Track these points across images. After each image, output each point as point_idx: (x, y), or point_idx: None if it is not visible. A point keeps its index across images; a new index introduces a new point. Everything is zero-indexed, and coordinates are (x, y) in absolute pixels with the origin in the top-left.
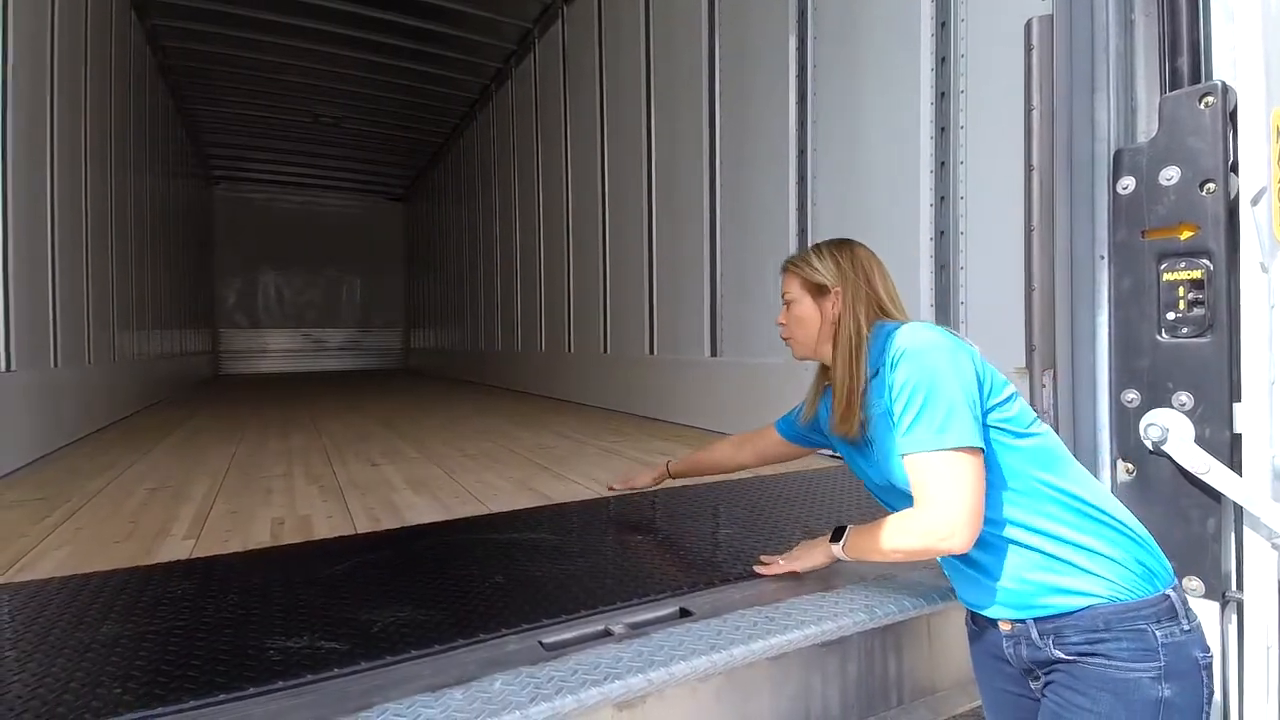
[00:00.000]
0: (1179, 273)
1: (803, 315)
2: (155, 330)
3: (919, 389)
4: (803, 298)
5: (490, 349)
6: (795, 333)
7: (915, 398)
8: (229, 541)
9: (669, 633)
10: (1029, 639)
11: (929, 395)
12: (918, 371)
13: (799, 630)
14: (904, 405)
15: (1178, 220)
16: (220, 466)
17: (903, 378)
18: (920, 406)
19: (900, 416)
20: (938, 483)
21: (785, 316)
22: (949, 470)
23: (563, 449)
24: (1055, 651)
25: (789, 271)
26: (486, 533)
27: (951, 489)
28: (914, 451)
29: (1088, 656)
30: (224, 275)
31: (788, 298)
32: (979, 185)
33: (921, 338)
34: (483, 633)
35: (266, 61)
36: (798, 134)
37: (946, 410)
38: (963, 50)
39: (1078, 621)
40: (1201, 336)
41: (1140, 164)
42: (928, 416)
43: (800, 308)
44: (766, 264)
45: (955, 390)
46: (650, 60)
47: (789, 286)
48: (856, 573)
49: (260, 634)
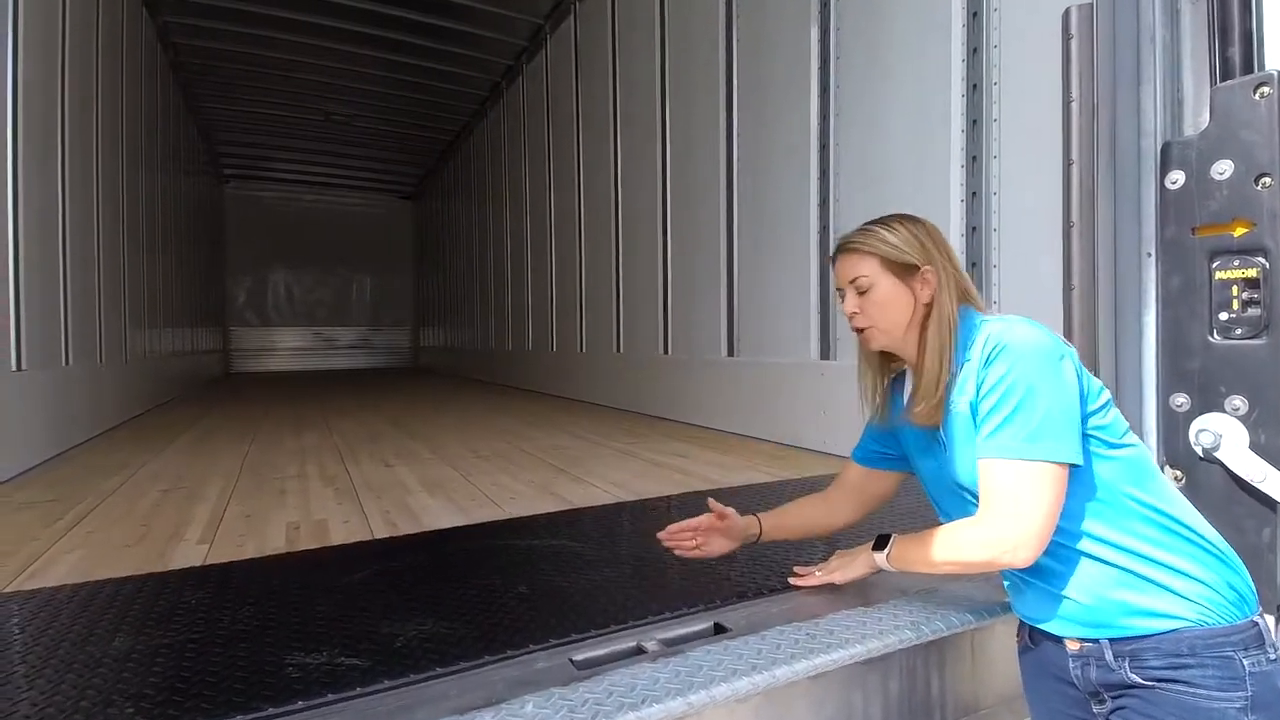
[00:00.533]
0: (1233, 271)
1: (886, 299)
2: (166, 328)
3: (1014, 390)
4: (883, 279)
5: (500, 348)
6: (878, 320)
7: (1009, 399)
8: (244, 546)
9: (706, 651)
10: (1101, 660)
11: (1025, 399)
12: (1017, 371)
13: (843, 649)
14: (994, 404)
15: (1231, 216)
16: (233, 466)
17: (998, 375)
18: (1013, 410)
19: (988, 416)
20: (1013, 493)
21: (859, 303)
22: (1030, 482)
23: (578, 450)
24: (1132, 675)
25: (859, 251)
26: (507, 539)
27: (1027, 502)
28: (995, 456)
29: (1167, 683)
30: (235, 273)
31: (863, 282)
32: (1013, 181)
33: (1027, 335)
34: (510, 649)
35: (278, 59)
36: (820, 128)
37: (1042, 418)
38: (995, 41)
39: (1159, 645)
40: (1257, 338)
41: (1190, 158)
42: (1019, 421)
43: (882, 291)
44: (786, 262)
45: (1055, 399)
46: (665, 54)
47: (862, 267)
48: (897, 586)
49: (278, 648)
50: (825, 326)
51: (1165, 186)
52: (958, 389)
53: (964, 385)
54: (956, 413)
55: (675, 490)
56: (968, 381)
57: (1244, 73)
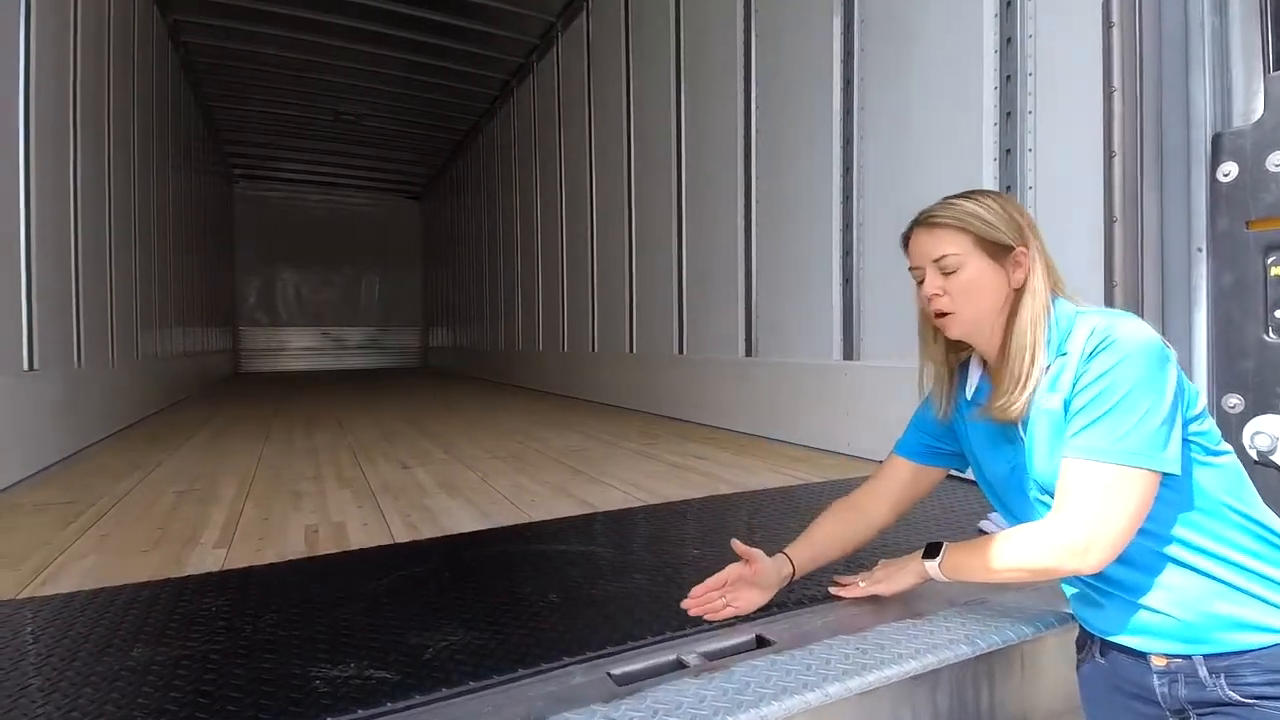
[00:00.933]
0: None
1: (977, 281)
2: (177, 328)
3: (1116, 388)
4: (975, 258)
5: (510, 348)
6: (964, 305)
7: (1108, 397)
8: (262, 551)
9: (751, 666)
10: (1193, 677)
11: (1126, 398)
12: (1122, 369)
13: (897, 665)
14: (1090, 400)
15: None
16: (248, 467)
17: (1101, 369)
18: (1110, 408)
19: (1081, 411)
20: (1093, 494)
21: (943, 284)
22: (1114, 486)
23: (594, 451)
24: (1229, 693)
25: (948, 226)
26: (532, 543)
27: (1107, 506)
28: (1083, 456)
29: (1268, 700)
30: (244, 273)
31: (952, 260)
32: (1050, 174)
33: (1136, 331)
34: (544, 662)
35: (287, 58)
36: (843, 122)
37: (1140, 421)
38: (1031, 30)
39: (1258, 660)
40: None
41: (1244, 149)
42: (1115, 421)
43: (973, 272)
44: (808, 260)
45: (1158, 401)
46: (681, 49)
47: (950, 244)
48: (944, 595)
49: (304, 660)
50: (849, 326)
51: (1216, 179)
52: (1049, 384)
53: (1057, 381)
54: (1046, 410)
55: (697, 493)
56: (1063, 376)
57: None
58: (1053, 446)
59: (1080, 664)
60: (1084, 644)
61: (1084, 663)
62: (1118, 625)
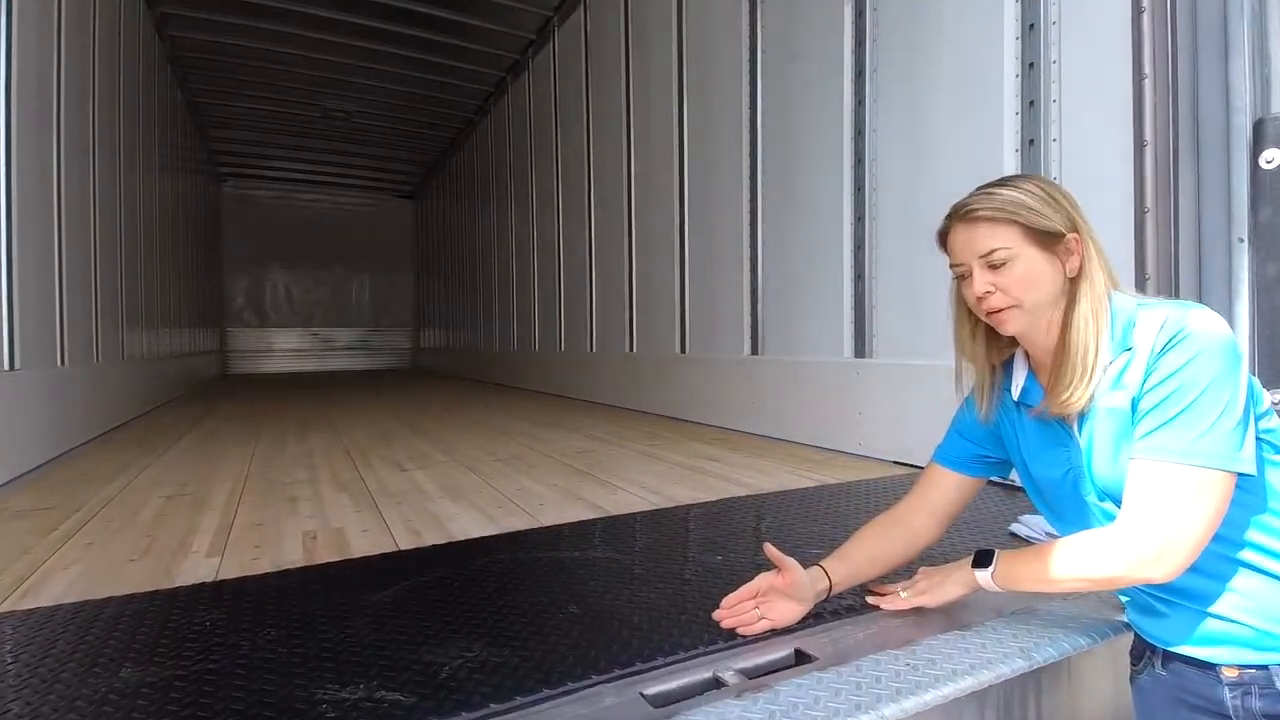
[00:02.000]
0: None
1: (1032, 273)
2: (163, 329)
3: (1192, 385)
4: (1026, 250)
5: (505, 348)
6: (1023, 297)
7: (1183, 394)
8: (258, 559)
9: (795, 685)
10: (1269, 688)
11: (1202, 396)
12: (1199, 364)
13: (951, 682)
14: (1164, 398)
15: None
16: (239, 471)
17: (1175, 364)
18: (1186, 406)
19: (1154, 409)
20: (1168, 498)
21: (993, 280)
22: (1191, 489)
23: (600, 453)
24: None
25: (991, 219)
26: (545, 550)
27: (1184, 510)
28: (1154, 457)
29: None
30: (232, 273)
31: (999, 255)
32: (1076, 165)
33: (1212, 324)
34: (571, 680)
35: (276, 52)
36: (854, 113)
37: (1218, 419)
38: (1054, 16)
39: None
40: None
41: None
42: (1190, 420)
43: (1025, 264)
44: (817, 256)
45: (1235, 401)
46: (683, 38)
47: (998, 237)
48: (990, 605)
49: (308, 680)
50: (860, 323)
51: (1259, 166)
52: (1113, 382)
53: (1122, 377)
54: (1110, 409)
55: (712, 496)
56: (1129, 372)
57: None
58: (1118, 448)
59: (1136, 675)
60: (1141, 654)
61: (1141, 674)
62: (1184, 635)
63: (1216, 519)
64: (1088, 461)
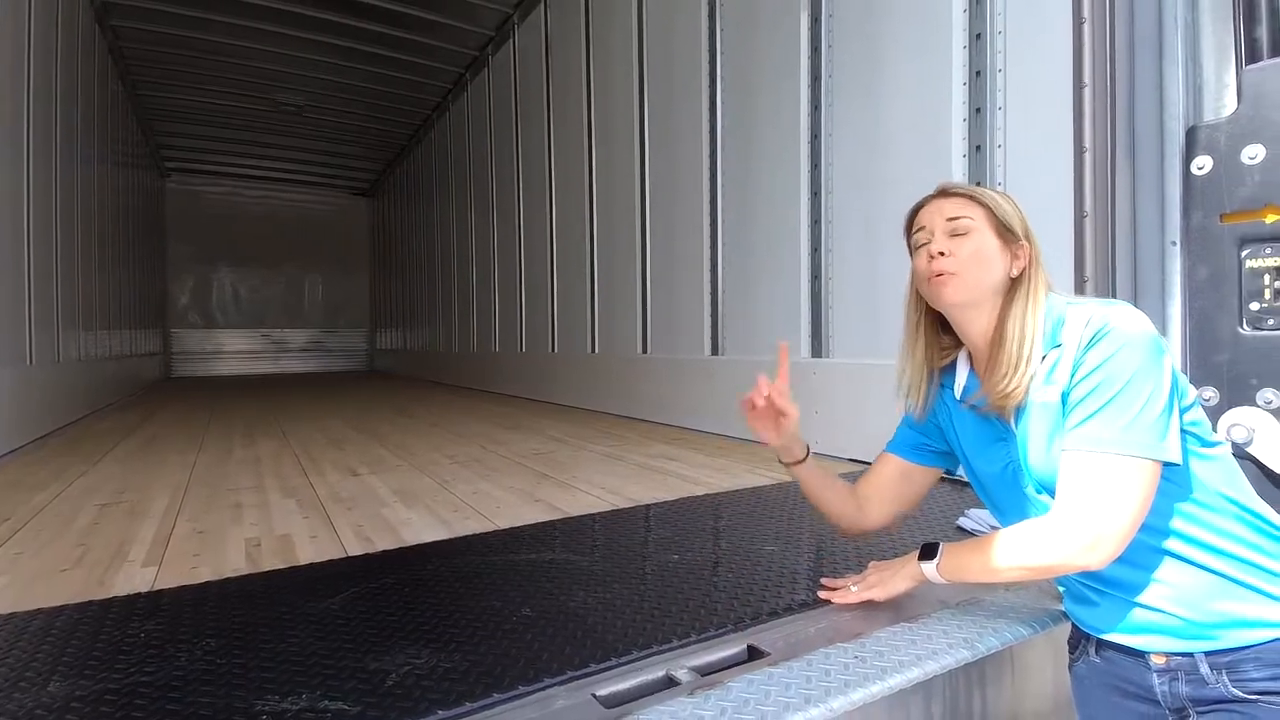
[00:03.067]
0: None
1: (984, 252)
2: (102, 330)
3: (1116, 377)
4: (986, 231)
5: (465, 350)
6: (969, 269)
7: (1108, 386)
8: (198, 568)
9: (747, 680)
10: (1194, 674)
11: (1127, 388)
12: (1122, 358)
13: (899, 673)
14: (1091, 390)
15: (1264, 202)
16: (180, 478)
17: (1100, 358)
18: (1111, 398)
19: (1081, 401)
20: (1098, 486)
21: (951, 245)
22: (1120, 477)
23: (561, 454)
24: (1231, 689)
25: (971, 198)
26: (500, 553)
27: (1112, 498)
28: (1085, 448)
29: (1273, 695)
30: (177, 272)
31: (964, 223)
32: (1020, 170)
33: (1134, 320)
34: (522, 684)
35: (223, 43)
36: (810, 118)
37: (1142, 410)
38: (1000, 26)
39: (1260, 655)
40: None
41: (1219, 142)
42: (1117, 411)
43: (981, 240)
44: (775, 257)
45: (1159, 391)
46: (644, 39)
47: (967, 210)
48: (936, 597)
49: (248, 691)
50: (816, 323)
51: (1191, 172)
52: (1045, 377)
53: (1053, 373)
54: (1042, 403)
55: (672, 495)
56: (1059, 368)
57: (1271, 54)
58: (1050, 440)
59: (1073, 663)
60: (1078, 643)
61: (1077, 662)
62: (1115, 623)
63: (1145, 506)
64: (1023, 455)
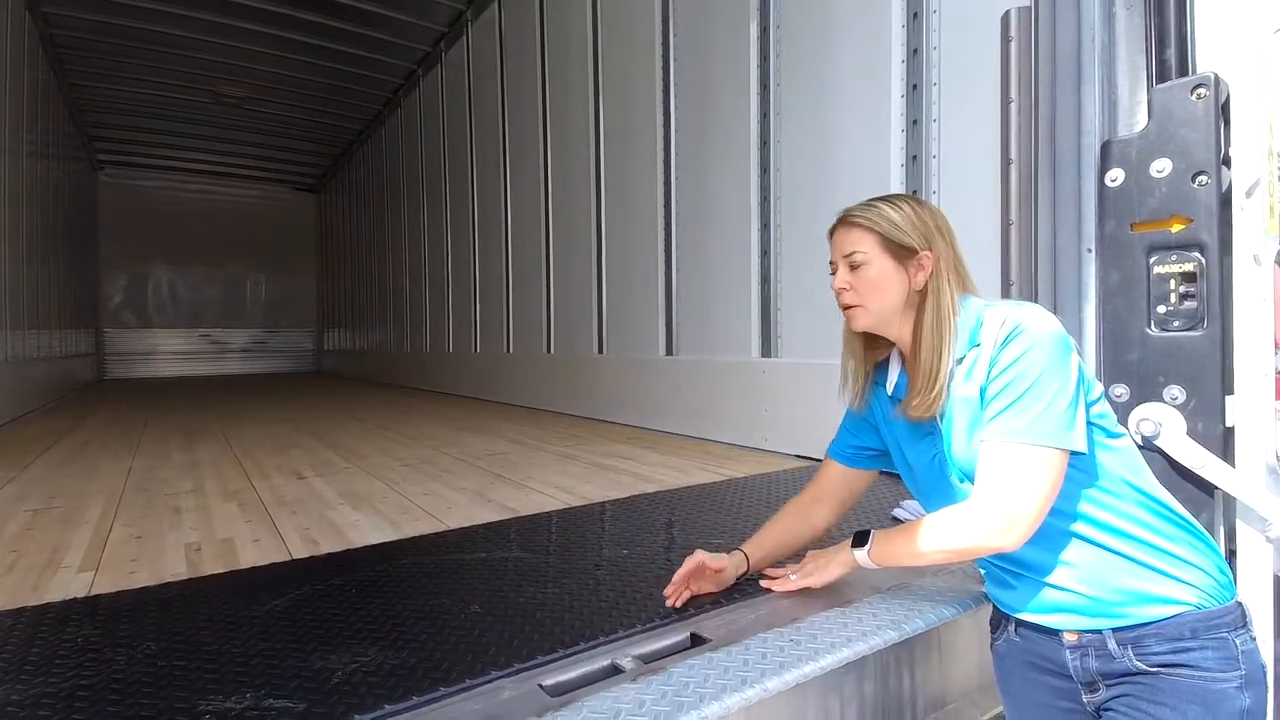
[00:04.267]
0: (1170, 266)
1: (880, 280)
2: (30, 330)
3: (1027, 374)
4: (880, 259)
5: (416, 350)
6: (868, 300)
7: (1020, 382)
8: (136, 573)
9: (688, 665)
10: (1102, 650)
11: (1037, 383)
12: (1032, 356)
13: (830, 654)
14: (1004, 386)
15: (1169, 213)
16: (115, 483)
17: (1013, 356)
18: (1023, 393)
19: (996, 397)
20: (1010, 474)
21: (850, 279)
22: (1030, 465)
23: (514, 455)
24: (1135, 663)
25: (858, 225)
26: (450, 553)
27: (1024, 483)
28: (999, 438)
29: (1172, 667)
30: (110, 270)
31: (858, 258)
32: (953, 179)
33: (1042, 321)
34: (469, 677)
35: (162, 33)
36: (760, 125)
37: (1050, 403)
38: (935, 43)
39: (1161, 630)
40: (1193, 330)
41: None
42: (1027, 405)
43: (877, 271)
44: (727, 259)
45: (1066, 385)
46: (599, 41)
47: (859, 242)
48: (869, 583)
49: (190, 692)
50: (767, 324)
51: (1105, 184)
52: (965, 374)
53: (972, 371)
54: (963, 399)
55: (625, 493)
56: (977, 366)
57: (1179, 74)
58: (970, 432)
59: (995, 642)
60: (998, 623)
61: (998, 641)
62: (1030, 604)
63: (1053, 491)
64: (948, 447)
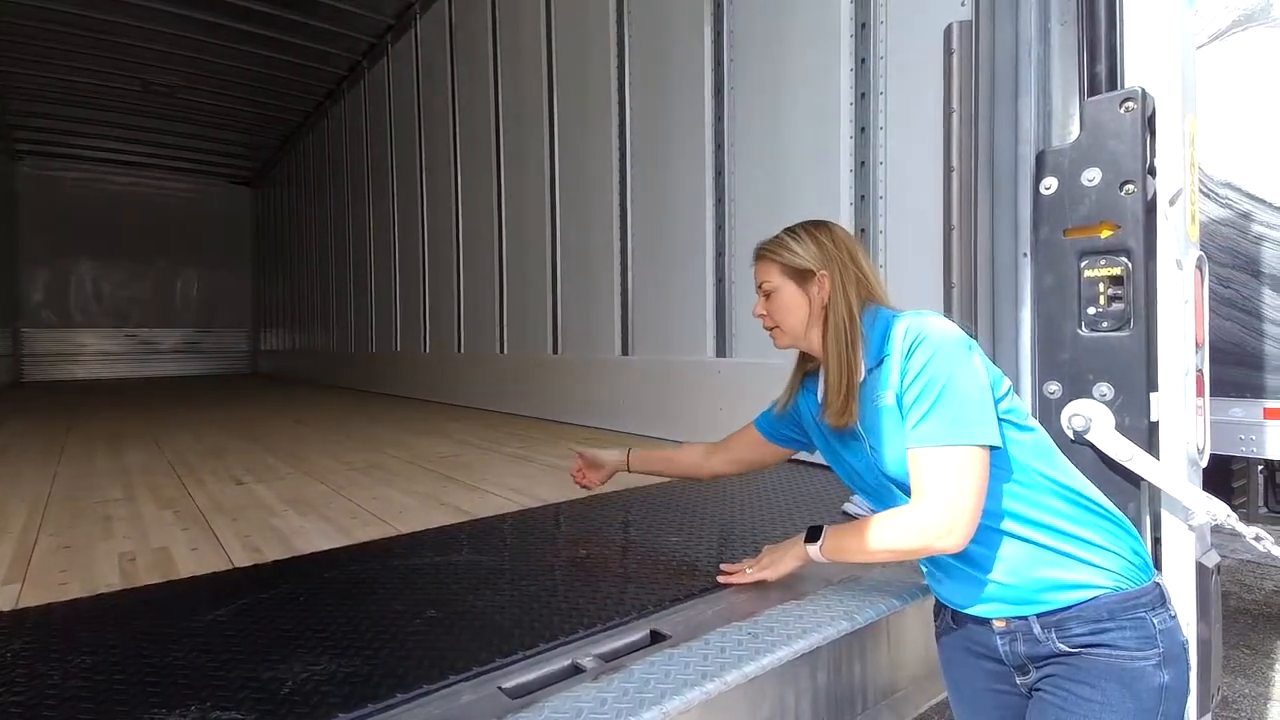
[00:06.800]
0: (1099, 269)
1: (787, 303)
2: None
3: (936, 380)
4: (785, 285)
5: (361, 350)
6: (781, 322)
7: (932, 389)
8: (67, 585)
9: (649, 663)
10: (1029, 635)
11: (947, 388)
12: (938, 362)
13: (786, 646)
14: (918, 395)
15: (1099, 219)
16: (39, 491)
17: (920, 366)
18: (936, 398)
19: (913, 406)
20: (943, 478)
21: (765, 306)
22: (958, 467)
23: (466, 457)
24: (1059, 645)
25: (764, 258)
26: (403, 558)
27: (956, 486)
28: (924, 445)
29: (1092, 648)
30: (29, 265)
31: (767, 287)
32: (899, 185)
33: (941, 326)
34: (427, 683)
35: (87, 17)
36: (714, 127)
37: (963, 405)
38: (882, 52)
39: (1081, 613)
40: (1121, 330)
41: (1063, 165)
42: (943, 410)
43: (783, 296)
44: (681, 259)
45: (974, 386)
46: (552, 35)
47: (767, 274)
48: (822, 576)
49: (132, 706)
50: (721, 324)
51: (1040, 192)
52: (882, 383)
53: (887, 379)
54: (884, 407)
55: (581, 494)
56: (890, 374)
57: (1109, 87)
58: (895, 439)
59: (938, 632)
60: (939, 613)
61: (940, 630)
62: (963, 596)
63: (984, 487)
64: (879, 455)
